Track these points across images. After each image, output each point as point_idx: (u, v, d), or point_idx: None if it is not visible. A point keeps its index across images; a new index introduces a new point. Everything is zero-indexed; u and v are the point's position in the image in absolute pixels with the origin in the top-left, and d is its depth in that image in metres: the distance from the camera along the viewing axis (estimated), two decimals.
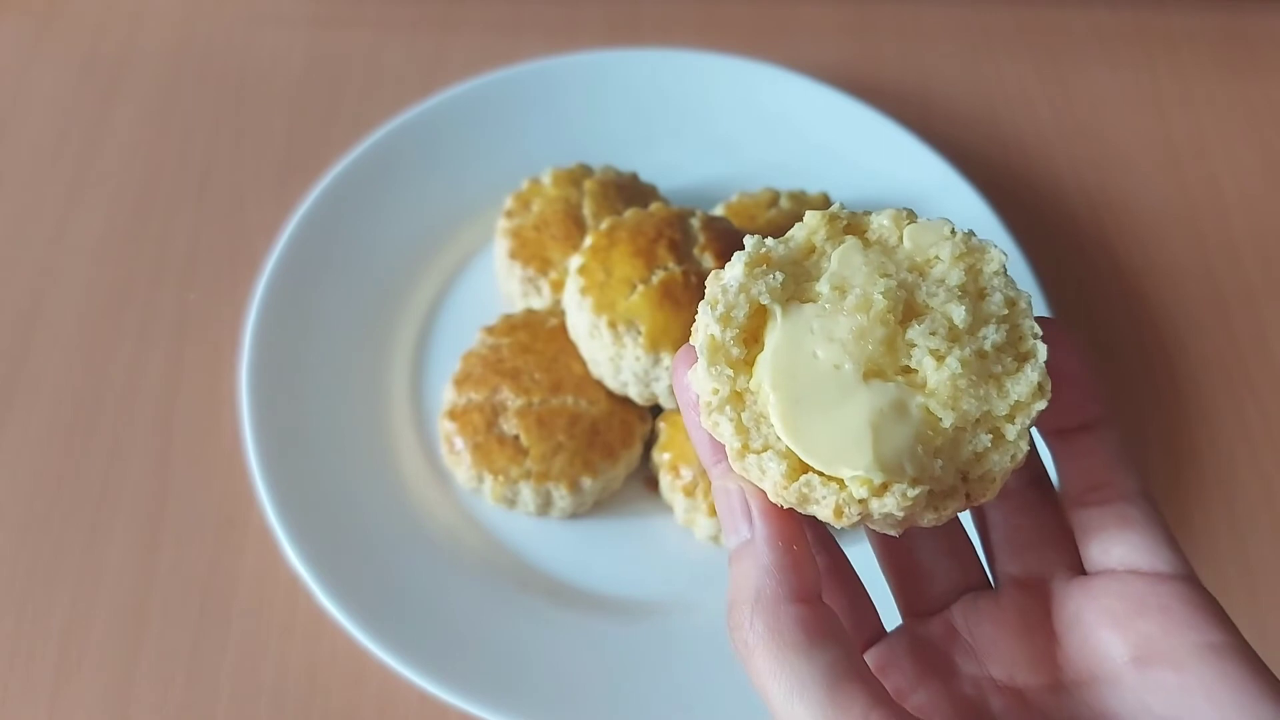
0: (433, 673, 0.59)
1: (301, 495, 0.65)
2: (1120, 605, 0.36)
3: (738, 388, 0.35)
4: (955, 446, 0.35)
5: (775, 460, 0.34)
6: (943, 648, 0.39)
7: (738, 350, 0.36)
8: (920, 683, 0.38)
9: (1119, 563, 0.36)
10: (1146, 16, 0.97)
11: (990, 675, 0.38)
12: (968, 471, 0.35)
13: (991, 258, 0.37)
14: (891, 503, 0.33)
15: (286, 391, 0.69)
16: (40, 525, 0.68)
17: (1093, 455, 0.37)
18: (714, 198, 0.79)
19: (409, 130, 0.80)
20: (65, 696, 0.62)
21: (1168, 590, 0.35)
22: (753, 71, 0.85)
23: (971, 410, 0.35)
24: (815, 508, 0.34)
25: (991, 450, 0.35)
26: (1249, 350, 0.79)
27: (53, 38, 0.90)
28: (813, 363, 0.35)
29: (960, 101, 0.91)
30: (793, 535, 0.35)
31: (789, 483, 0.34)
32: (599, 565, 0.67)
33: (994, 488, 0.35)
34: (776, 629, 0.33)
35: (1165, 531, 0.37)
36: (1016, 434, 0.35)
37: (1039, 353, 0.35)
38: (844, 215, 0.38)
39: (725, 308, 0.36)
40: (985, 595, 0.40)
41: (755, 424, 0.35)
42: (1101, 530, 0.37)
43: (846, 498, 0.33)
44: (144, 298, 0.77)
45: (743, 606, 0.34)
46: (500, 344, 0.70)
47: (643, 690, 0.61)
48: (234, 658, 0.64)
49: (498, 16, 0.93)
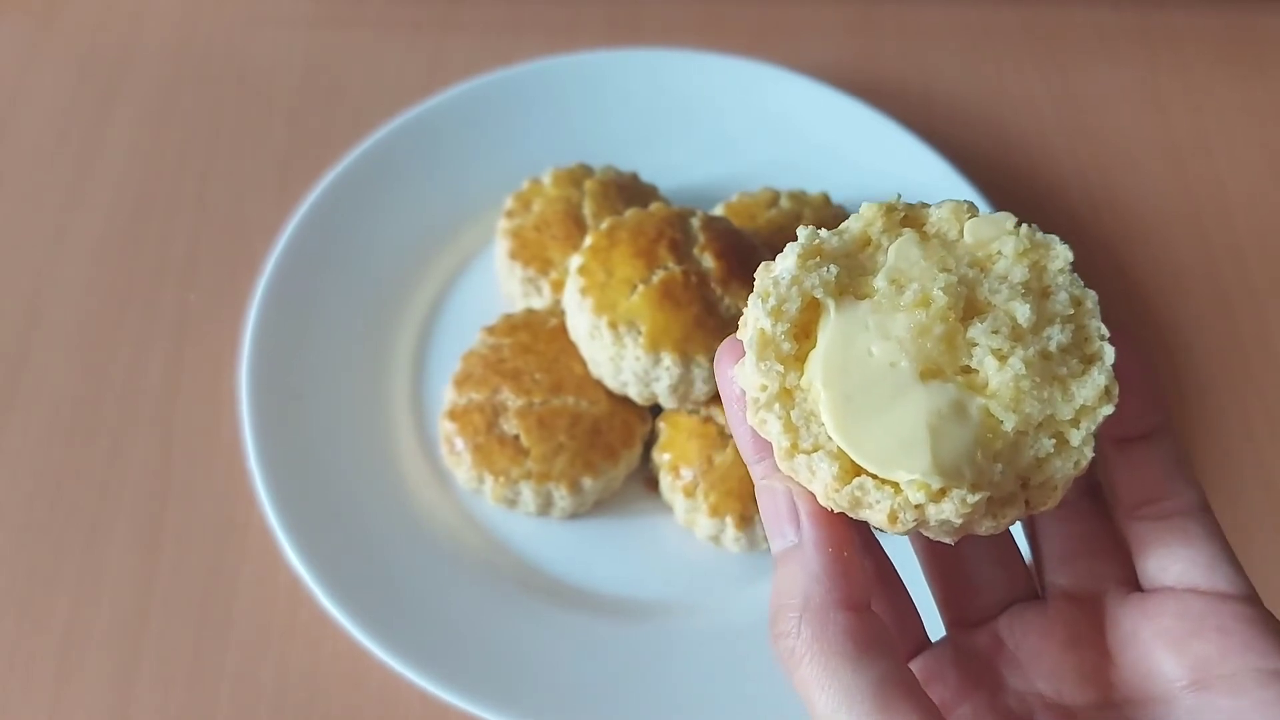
0: (433, 673, 0.59)
1: (302, 496, 0.65)
2: (1177, 625, 0.34)
3: (787, 384, 0.34)
4: (1016, 451, 0.33)
5: (826, 461, 0.33)
6: (988, 660, 0.38)
7: (788, 345, 0.34)
8: (964, 696, 0.37)
9: (1177, 580, 0.35)
10: (1149, 14, 0.96)
11: (1037, 690, 0.37)
12: (1028, 478, 0.34)
13: (1057, 254, 0.36)
14: (949, 509, 0.32)
15: (286, 392, 0.69)
16: (40, 526, 0.67)
17: (1151, 466, 0.36)
18: (714, 198, 0.79)
19: (409, 130, 0.80)
20: (66, 697, 0.62)
21: (1228, 611, 0.34)
22: (753, 71, 0.85)
23: (1034, 413, 0.33)
24: (868, 512, 0.33)
25: (1055, 456, 0.33)
26: (1252, 349, 0.79)
27: (53, 38, 0.90)
28: (867, 360, 0.34)
29: (961, 101, 0.91)
30: (843, 540, 0.33)
31: (841, 485, 0.33)
32: (599, 565, 0.67)
33: (1055, 495, 0.33)
34: (825, 637, 0.31)
35: (1225, 548, 0.36)
36: (1081, 439, 0.33)
37: (1106, 355, 0.34)
38: (901, 207, 0.36)
39: (777, 300, 0.34)
40: (1033, 607, 0.38)
41: (805, 423, 0.33)
42: (1159, 545, 0.36)
43: (902, 503, 0.32)
44: (144, 298, 0.77)
45: (789, 613, 0.32)
46: (501, 344, 0.70)
47: (643, 690, 0.61)
48: (234, 659, 0.64)
49: (498, 16, 0.93)
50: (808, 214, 0.75)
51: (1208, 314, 0.81)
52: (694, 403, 0.68)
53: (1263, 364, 0.78)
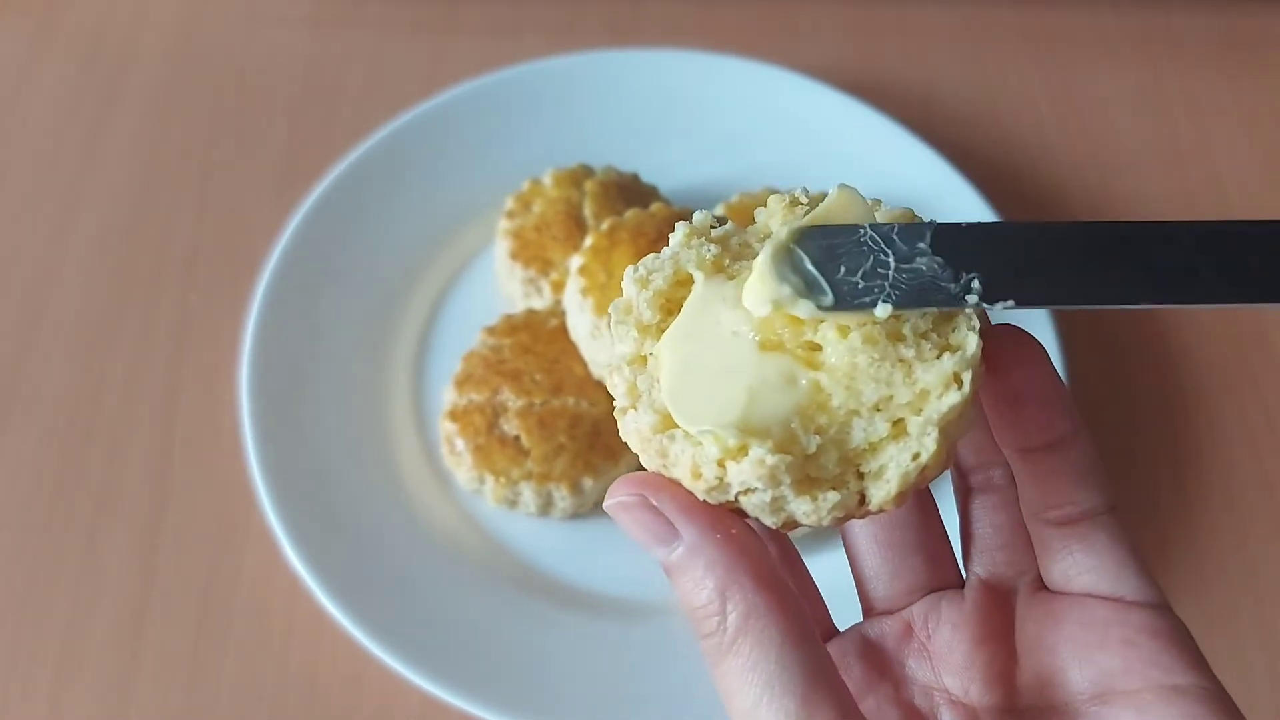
0: (433, 673, 0.59)
1: (301, 496, 0.65)
2: (1082, 634, 0.33)
3: (642, 351, 0.34)
4: (845, 431, 0.32)
5: (648, 413, 0.33)
6: (896, 651, 0.37)
7: (649, 314, 0.34)
8: (869, 689, 0.36)
9: (1082, 586, 0.34)
10: (1149, 16, 0.97)
11: (944, 686, 0.36)
12: (860, 464, 0.32)
13: None
14: (748, 469, 0.30)
15: (287, 392, 0.69)
16: (40, 526, 0.67)
17: (1056, 473, 0.35)
18: (714, 198, 0.79)
19: (409, 131, 0.80)
20: (65, 698, 0.62)
21: (1134, 621, 0.33)
22: (753, 71, 0.85)
23: (868, 394, 0.32)
24: (675, 469, 0.32)
25: (888, 440, 0.32)
26: (1251, 350, 0.79)
27: (53, 38, 0.90)
28: (714, 329, 0.33)
29: (962, 101, 0.91)
30: (724, 522, 0.31)
31: (652, 434, 0.32)
32: (600, 566, 0.67)
33: (889, 489, 0.32)
34: (748, 628, 0.30)
35: (1132, 553, 0.34)
36: (920, 427, 0.31)
37: (968, 345, 0.32)
38: (804, 201, 0.36)
39: (645, 270, 0.35)
40: (950, 596, 0.38)
41: (648, 389, 0.33)
42: (1064, 551, 0.35)
43: (701, 455, 0.31)
44: (144, 299, 0.77)
45: (709, 614, 0.31)
46: (501, 345, 0.70)
47: (643, 690, 0.61)
48: (234, 659, 0.64)
49: (498, 17, 0.93)
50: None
51: (1206, 314, 0.81)
52: None
53: (1261, 365, 0.78)
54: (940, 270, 0.32)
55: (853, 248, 0.33)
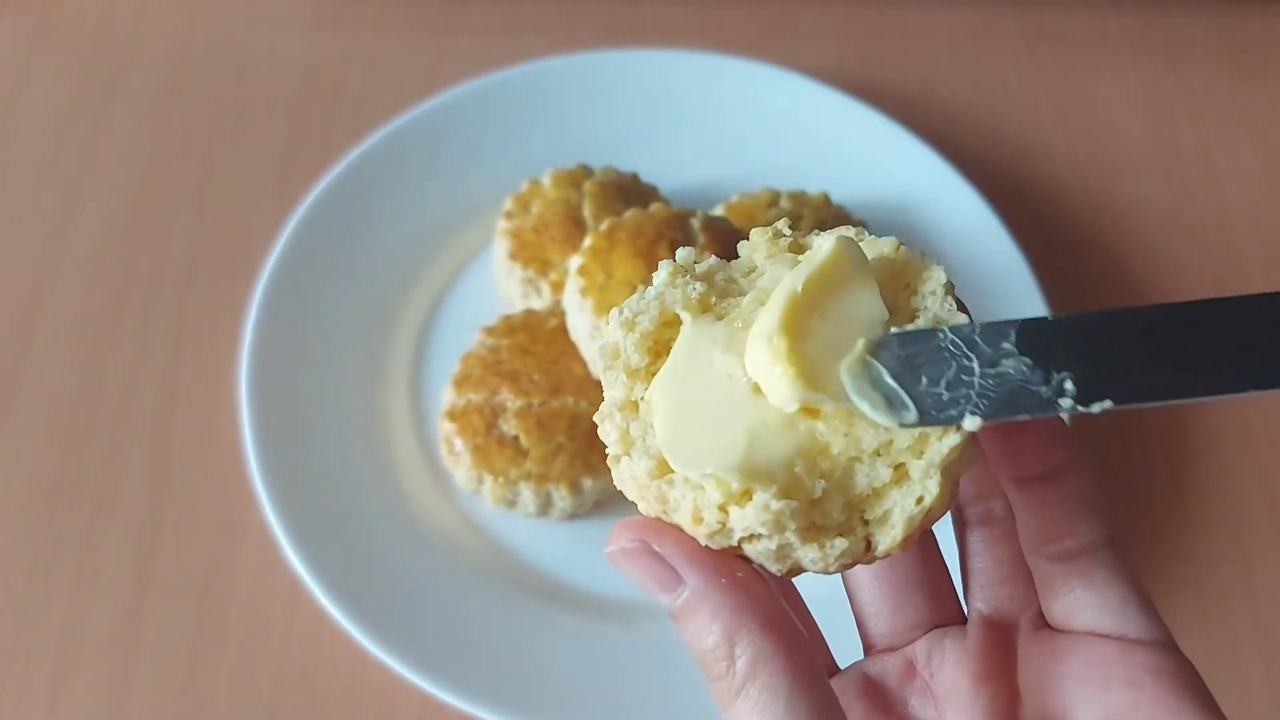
0: (432, 673, 0.59)
1: (301, 496, 0.65)
2: (1086, 673, 0.33)
3: (633, 396, 0.33)
4: (848, 476, 0.31)
5: (644, 458, 0.32)
6: (898, 690, 0.37)
7: (638, 357, 0.34)
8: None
9: (1084, 625, 0.34)
10: (1150, 18, 0.96)
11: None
12: (865, 510, 0.31)
13: (932, 274, 0.34)
14: (752, 514, 0.30)
15: (286, 392, 0.69)
16: (39, 526, 0.67)
17: (1053, 505, 0.34)
18: (714, 198, 0.79)
19: (409, 131, 0.80)
20: (64, 698, 0.62)
21: (1139, 661, 0.32)
22: (753, 72, 0.85)
23: (867, 439, 0.31)
24: (676, 514, 0.31)
25: (891, 486, 0.31)
26: None
27: (53, 38, 0.90)
28: (706, 371, 0.32)
29: (962, 103, 0.91)
30: (729, 566, 0.31)
31: (650, 480, 0.31)
32: (599, 566, 0.66)
33: (894, 535, 0.31)
34: (757, 670, 0.30)
35: (1135, 589, 0.34)
36: (922, 471, 0.31)
37: None
38: (787, 234, 0.35)
39: (631, 313, 0.34)
40: (952, 634, 0.37)
41: (641, 435, 0.33)
42: (1065, 589, 0.34)
43: (704, 501, 0.31)
44: (144, 299, 0.77)
45: (717, 657, 0.31)
46: (500, 345, 0.70)
47: (642, 691, 0.61)
48: (233, 659, 0.64)
49: (498, 17, 0.93)
50: (808, 214, 0.75)
51: None
52: None
53: None
54: (1029, 372, 0.30)
55: (933, 355, 0.31)
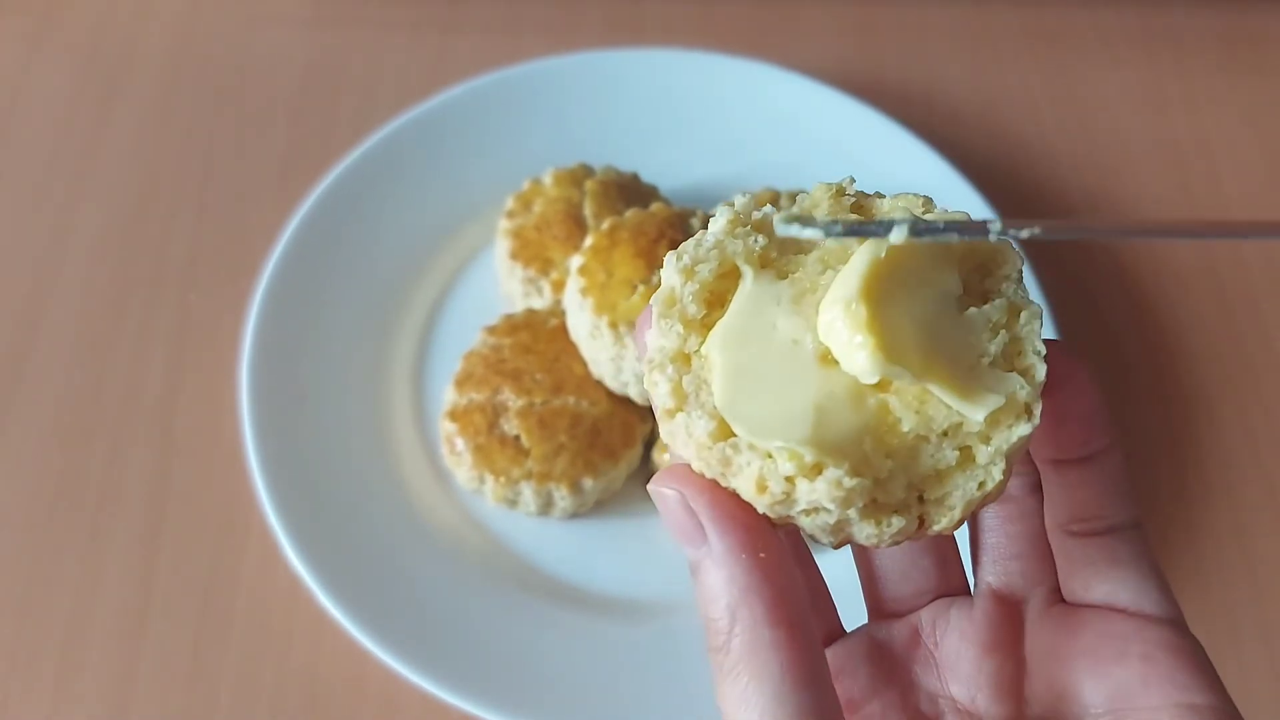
0: (433, 673, 0.59)
1: (302, 496, 0.65)
2: (1100, 646, 0.33)
3: (686, 348, 0.32)
4: (913, 456, 0.31)
5: (704, 419, 0.30)
6: (903, 656, 0.37)
7: (695, 308, 0.32)
8: (874, 693, 0.36)
9: (1102, 598, 0.34)
10: (1149, 15, 0.97)
11: (950, 694, 0.36)
12: (924, 490, 0.31)
13: (1006, 259, 0.33)
14: (823, 489, 0.29)
15: (287, 392, 0.69)
16: (41, 527, 0.67)
17: (1087, 487, 0.34)
18: (715, 198, 0.79)
19: (409, 130, 0.80)
20: (66, 698, 0.62)
21: (1153, 637, 0.33)
22: (754, 71, 0.85)
23: (938, 419, 0.31)
24: (737, 479, 0.30)
25: (955, 470, 0.31)
26: (1253, 350, 0.79)
27: (53, 38, 0.90)
28: (770, 333, 0.31)
29: (962, 101, 0.91)
30: (757, 538, 0.30)
31: (713, 443, 0.30)
32: (600, 565, 0.67)
33: (952, 516, 0.31)
34: (749, 658, 0.29)
35: (1155, 570, 0.34)
36: (989, 457, 0.30)
37: (1036, 371, 0.31)
38: (853, 193, 0.34)
39: (691, 260, 0.32)
40: (959, 603, 0.37)
41: (695, 390, 0.31)
42: (1087, 563, 0.34)
43: (770, 469, 0.29)
44: (144, 298, 0.77)
45: (717, 626, 0.30)
46: (501, 344, 0.70)
47: (644, 690, 0.61)
48: (235, 659, 0.64)
49: (498, 17, 0.93)
50: None
51: (1207, 314, 0.81)
52: None
53: (1263, 364, 0.78)
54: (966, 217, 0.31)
55: None
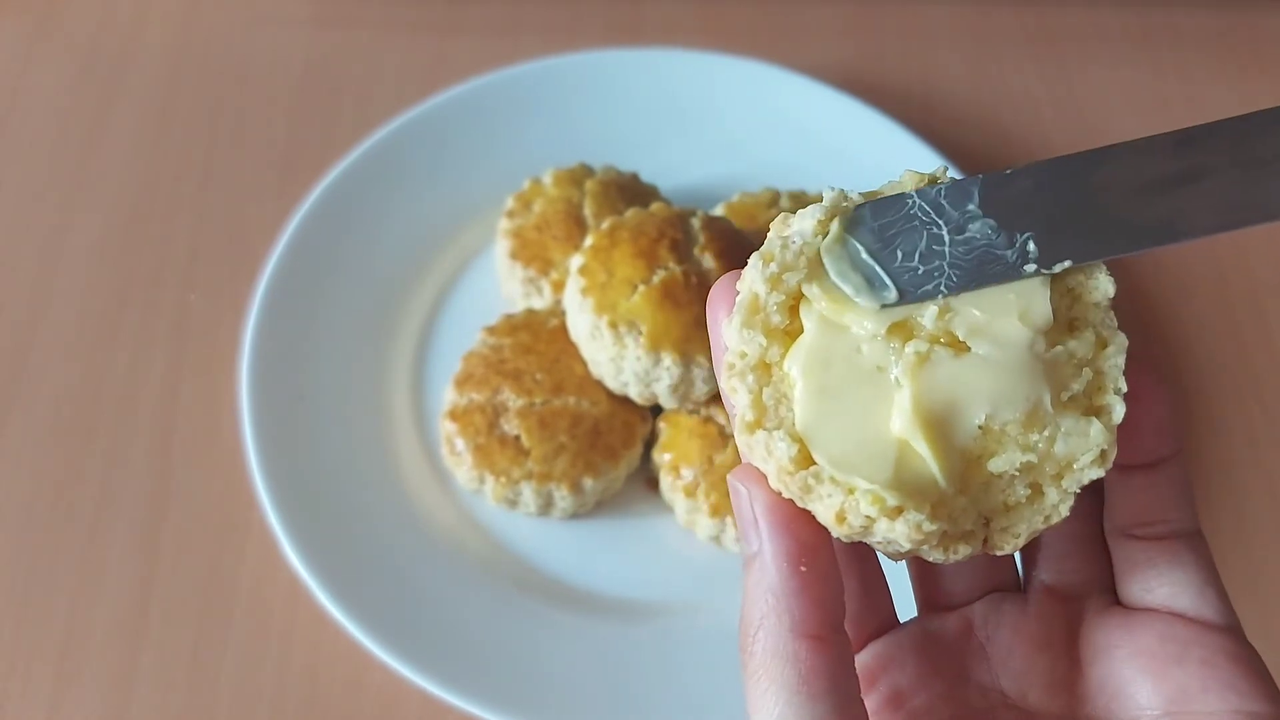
0: (433, 673, 0.59)
1: (302, 496, 0.65)
2: (1160, 648, 0.33)
3: (767, 359, 0.31)
4: (986, 491, 0.31)
5: (786, 442, 0.30)
6: (955, 648, 0.37)
7: (779, 318, 0.31)
8: (923, 684, 0.36)
9: (1162, 602, 0.34)
10: (1150, 14, 0.96)
11: (1001, 688, 0.36)
12: (991, 519, 0.31)
13: (1097, 285, 0.32)
14: (901, 530, 0.29)
15: (287, 392, 0.69)
16: (40, 527, 0.67)
17: (1151, 491, 0.34)
18: (715, 198, 0.79)
19: (409, 130, 0.80)
20: (66, 698, 0.62)
21: (1213, 642, 0.33)
22: (754, 71, 0.85)
23: (1015, 459, 0.30)
24: (817, 504, 0.30)
25: (1025, 505, 0.31)
26: (1255, 350, 0.79)
27: (53, 38, 0.90)
28: (854, 357, 0.31)
29: (963, 101, 0.91)
30: (804, 551, 0.30)
31: (795, 469, 0.30)
32: (600, 566, 0.67)
33: (1016, 544, 0.31)
34: (771, 666, 0.30)
35: (1215, 577, 0.34)
36: (1058, 497, 0.30)
37: (1115, 413, 0.30)
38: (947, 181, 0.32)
39: (779, 267, 0.31)
40: (1011, 599, 0.37)
41: (775, 404, 0.31)
42: (1148, 566, 0.34)
43: (852, 505, 0.29)
44: (144, 298, 0.77)
45: (748, 628, 0.31)
46: (501, 344, 0.70)
47: (644, 691, 0.61)
48: (234, 659, 0.64)
49: (498, 17, 0.93)
50: None
51: (1210, 315, 0.81)
52: (694, 403, 0.68)
53: (1266, 366, 0.78)
54: (994, 235, 0.30)
55: (904, 224, 0.31)
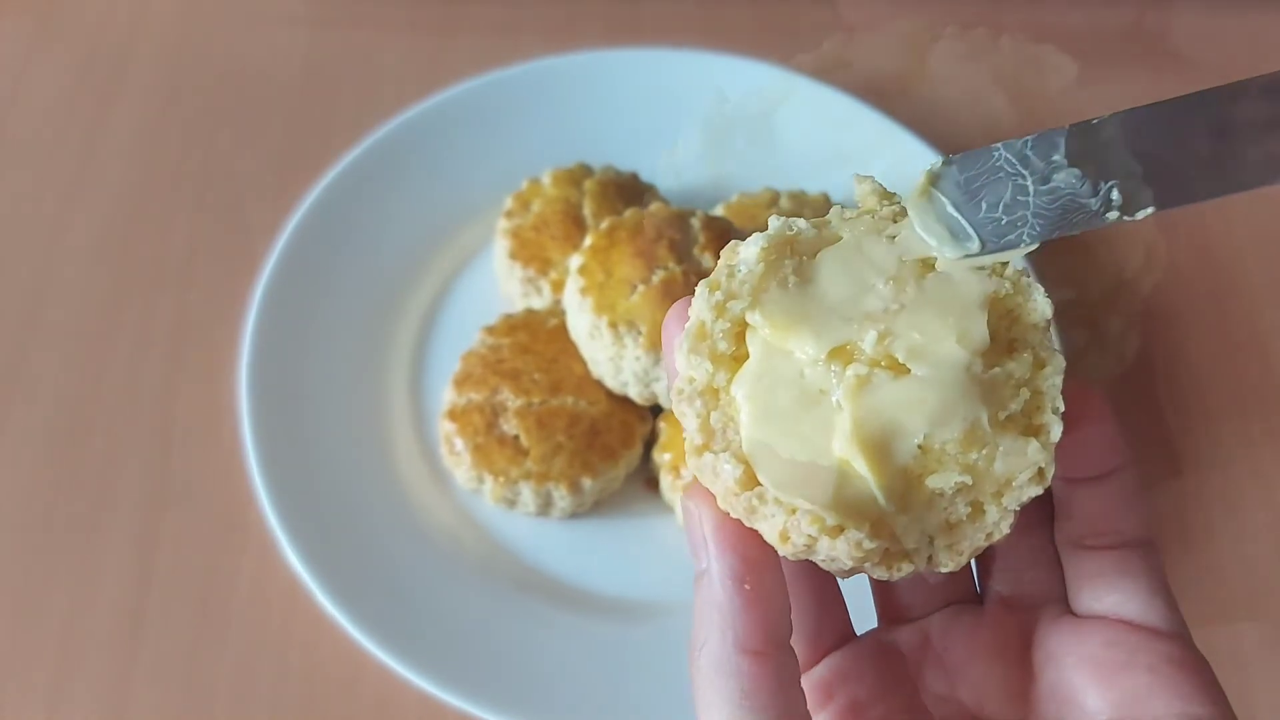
0: (432, 673, 0.59)
1: (301, 496, 0.65)
2: (1106, 655, 0.34)
3: (714, 384, 0.32)
4: (928, 509, 0.31)
5: (731, 464, 0.31)
6: (913, 660, 0.37)
7: (725, 345, 0.32)
8: (881, 696, 0.36)
9: (1110, 610, 0.34)
10: (1149, 14, 0.96)
11: (958, 698, 0.36)
12: (935, 536, 0.31)
13: (1036, 306, 0.32)
14: (843, 548, 0.30)
15: (286, 392, 0.69)
16: (39, 526, 0.67)
17: (1099, 501, 0.35)
18: (714, 198, 0.79)
19: (408, 130, 0.80)
20: (64, 698, 0.62)
21: (1160, 648, 0.33)
22: (754, 71, 0.85)
23: (955, 480, 0.31)
24: (762, 524, 0.31)
25: (967, 523, 0.31)
26: (1250, 354, 0.79)
27: (53, 38, 0.90)
28: (797, 381, 0.31)
29: (963, 101, 0.91)
30: (750, 569, 0.31)
31: (741, 490, 0.31)
32: (599, 566, 0.67)
33: (959, 561, 0.31)
34: (714, 681, 0.30)
35: (1163, 584, 0.35)
36: (998, 515, 0.31)
37: (1052, 431, 0.31)
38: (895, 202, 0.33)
39: (724, 295, 0.32)
40: (969, 610, 0.37)
41: (722, 427, 0.31)
42: (1098, 575, 0.35)
43: (794, 525, 0.30)
44: (144, 298, 0.77)
45: (695, 641, 0.31)
46: (500, 344, 0.70)
47: (642, 691, 0.61)
48: (233, 659, 0.64)
49: (497, 17, 0.93)
50: (807, 214, 0.75)
51: (1206, 317, 0.81)
52: None
53: (1261, 370, 0.78)
54: (1079, 184, 0.31)
55: (990, 176, 0.32)
